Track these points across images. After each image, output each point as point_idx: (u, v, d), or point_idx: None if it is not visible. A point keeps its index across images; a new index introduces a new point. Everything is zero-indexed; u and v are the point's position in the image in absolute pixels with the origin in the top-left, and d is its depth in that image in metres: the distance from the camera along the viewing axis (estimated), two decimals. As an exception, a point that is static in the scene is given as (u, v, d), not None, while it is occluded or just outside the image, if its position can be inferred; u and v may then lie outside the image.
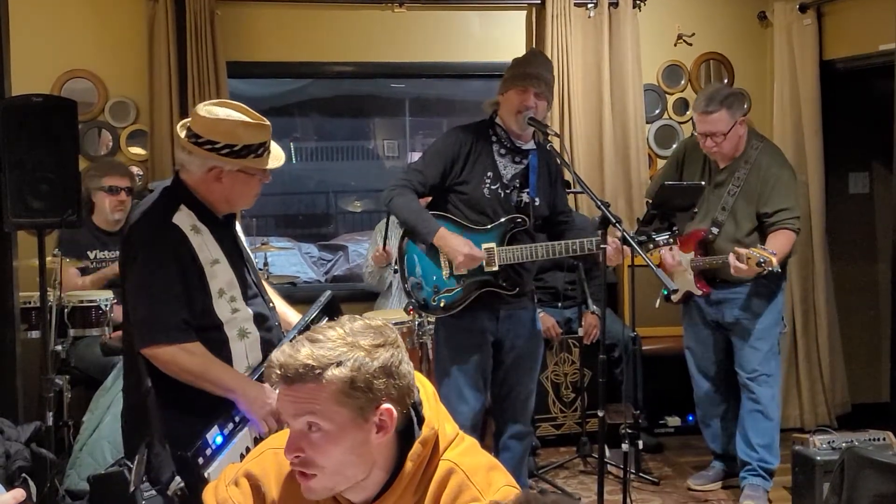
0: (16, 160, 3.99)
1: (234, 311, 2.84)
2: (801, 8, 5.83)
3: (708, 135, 4.39)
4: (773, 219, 4.39)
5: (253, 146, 2.81)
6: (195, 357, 2.73)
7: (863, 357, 6.10)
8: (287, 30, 5.71)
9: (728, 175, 4.49)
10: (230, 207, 2.95)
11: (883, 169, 5.93)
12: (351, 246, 9.10)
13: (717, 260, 4.40)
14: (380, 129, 10.78)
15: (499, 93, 4.05)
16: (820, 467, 4.11)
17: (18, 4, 4.50)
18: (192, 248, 2.78)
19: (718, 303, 4.58)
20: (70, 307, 4.80)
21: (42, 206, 4.05)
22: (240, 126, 2.79)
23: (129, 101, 5.56)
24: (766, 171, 4.43)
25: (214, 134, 2.78)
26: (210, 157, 2.79)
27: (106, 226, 5.21)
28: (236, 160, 2.80)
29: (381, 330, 1.80)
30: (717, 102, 4.36)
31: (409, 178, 3.99)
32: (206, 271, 2.79)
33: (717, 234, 4.49)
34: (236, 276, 2.88)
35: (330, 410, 1.72)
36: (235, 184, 2.85)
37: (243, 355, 2.84)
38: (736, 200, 4.45)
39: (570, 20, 5.76)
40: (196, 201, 2.86)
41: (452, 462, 1.80)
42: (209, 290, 2.80)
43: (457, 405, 3.94)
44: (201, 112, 2.81)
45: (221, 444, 2.58)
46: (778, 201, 4.39)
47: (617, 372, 5.14)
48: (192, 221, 2.82)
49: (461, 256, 3.89)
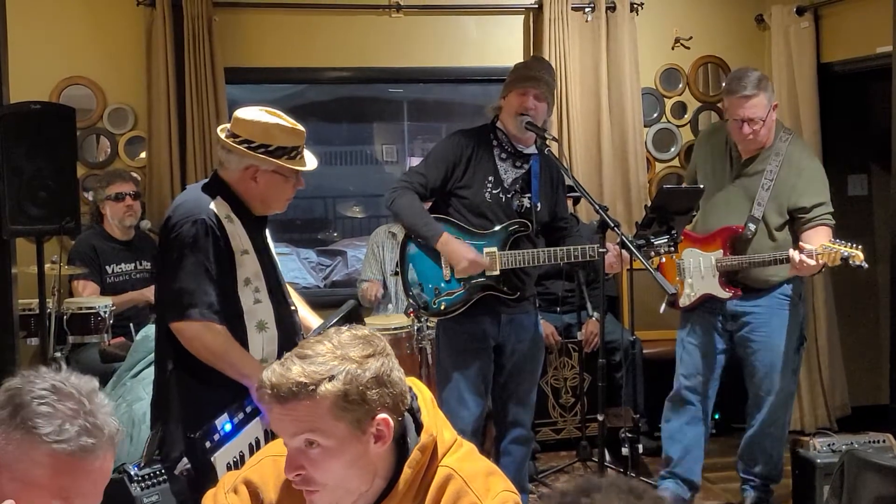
0: (14, 167, 4.00)
1: (257, 301, 2.98)
2: (799, 11, 5.83)
3: (746, 120, 4.08)
4: (812, 213, 4.15)
5: (287, 148, 2.97)
6: (219, 337, 2.87)
7: (862, 359, 6.09)
8: (285, 36, 5.71)
9: (757, 168, 4.21)
10: (265, 208, 3.09)
11: (881, 171, 5.92)
12: (350, 251, 9.10)
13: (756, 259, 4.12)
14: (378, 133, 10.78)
15: (500, 97, 4.05)
16: (820, 470, 4.11)
17: (17, 12, 4.50)
18: (225, 234, 2.93)
19: (736, 316, 4.30)
20: (69, 314, 4.80)
21: (40, 213, 4.06)
22: (275, 127, 2.96)
23: (128, 107, 5.56)
24: (800, 162, 4.21)
25: (251, 133, 2.95)
26: (247, 156, 2.95)
27: (120, 234, 5.22)
28: (271, 160, 2.95)
29: (370, 340, 1.80)
30: (755, 86, 4.07)
31: (411, 179, 3.99)
32: (236, 259, 2.94)
33: (755, 231, 4.19)
34: (262, 271, 3.01)
35: (327, 425, 1.72)
36: (270, 184, 3.00)
37: (260, 348, 2.95)
38: (770, 195, 4.17)
39: (568, 24, 5.77)
40: (233, 196, 3.01)
41: (451, 468, 1.80)
42: (237, 276, 2.94)
43: (458, 410, 3.94)
44: (241, 114, 2.98)
45: (230, 431, 2.64)
46: (815, 195, 4.17)
47: (617, 376, 5.14)
48: (227, 212, 2.97)
49: (465, 262, 3.89)
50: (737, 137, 4.19)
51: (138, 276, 5.27)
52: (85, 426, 1.53)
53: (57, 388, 1.55)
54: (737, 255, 4.20)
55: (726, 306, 4.30)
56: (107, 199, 5.14)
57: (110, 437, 1.58)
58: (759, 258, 4.13)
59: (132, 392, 4.31)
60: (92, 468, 1.55)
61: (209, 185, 3.05)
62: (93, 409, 1.56)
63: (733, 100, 4.11)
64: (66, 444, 1.51)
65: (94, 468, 1.55)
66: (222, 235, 2.92)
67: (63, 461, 1.51)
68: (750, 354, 4.31)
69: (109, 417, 1.59)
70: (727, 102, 4.18)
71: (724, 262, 4.21)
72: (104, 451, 1.56)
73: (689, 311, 4.41)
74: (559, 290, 5.46)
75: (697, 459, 4.46)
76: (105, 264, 5.15)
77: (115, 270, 5.19)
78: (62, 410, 1.53)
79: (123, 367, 4.51)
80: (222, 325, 2.89)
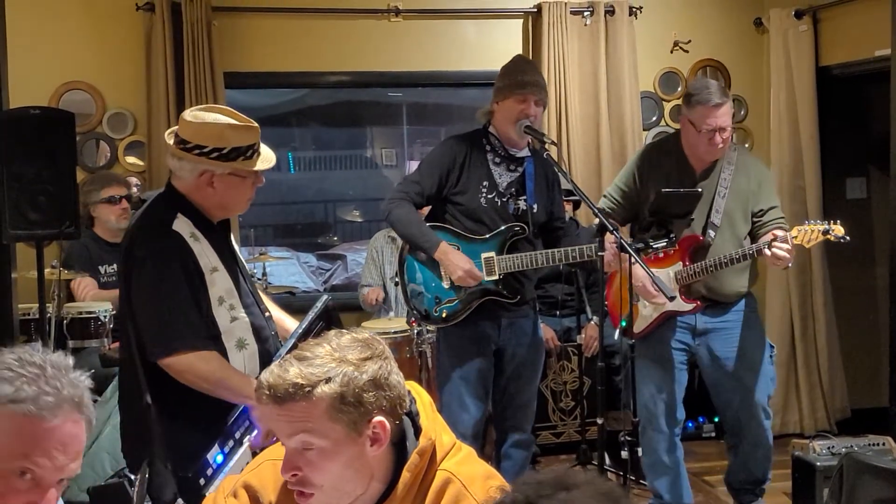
0: (14, 172, 4.00)
1: (233, 318, 2.82)
2: (797, 14, 5.84)
3: (718, 129, 4.01)
4: (767, 217, 4.16)
5: (242, 148, 2.78)
6: (212, 364, 2.72)
7: (862, 362, 6.10)
8: (284, 40, 5.72)
9: (713, 178, 4.16)
10: (225, 213, 2.93)
11: (880, 174, 5.93)
12: (350, 255, 9.11)
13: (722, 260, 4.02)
14: (377, 137, 10.79)
15: (493, 101, 4.05)
16: (820, 473, 4.11)
17: (16, 17, 4.51)
18: (193, 255, 2.76)
19: (704, 332, 4.22)
20: (69, 318, 4.81)
21: (40, 217, 4.06)
22: (227, 129, 2.77)
23: (127, 112, 5.57)
24: (754, 170, 4.24)
25: (202, 138, 2.76)
26: (200, 162, 2.77)
27: (111, 237, 5.23)
28: (226, 163, 2.77)
29: (369, 343, 1.80)
30: (722, 93, 4.05)
31: (407, 189, 3.99)
32: (206, 278, 2.78)
33: (714, 238, 4.14)
34: (234, 285, 2.86)
35: (323, 427, 1.72)
36: (228, 188, 2.82)
37: (241, 367, 2.81)
38: (727, 203, 4.14)
39: (567, 28, 5.78)
40: (192, 208, 2.83)
41: (449, 472, 1.81)
42: (209, 297, 2.78)
43: (458, 413, 3.95)
44: (188, 117, 2.79)
45: (222, 462, 2.57)
46: (768, 199, 4.22)
47: (617, 380, 5.14)
48: (191, 229, 2.79)
49: (461, 272, 3.90)
50: (704, 148, 4.09)
51: None
52: (45, 389, 1.54)
53: (22, 358, 1.58)
54: (696, 263, 4.11)
55: (690, 322, 4.22)
56: (101, 202, 5.15)
57: (73, 400, 1.57)
58: (727, 257, 4.02)
59: (132, 396, 4.31)
60: (52, 427, 1.54)
61: (166, 199, 2.86)
62: (55, 374, 1.57)
63: (706, 109, 4.01)
64: (23, 403, 1.52)
65: (55, 427, 1.54)
66: (190, 257, 2.75)
67: (22, 422, 1.52)
68: (724, 372, 4.23)
69: (78, 387, 1.59)
70: (697, 113, 4.04)
71: (686, 272, 4.13)
72: (66, 412, 1.56)
73: (645, 336, 4.27)
74: (559, 293, 5.47)
75: (684, 480, 4.39)
76: (98, 265, 5.17)
77: (108, 271, 5.20)
78: (22, 374, 1.55)
79: (123, 371, 4.50)
80: (212, 349, 2.73)
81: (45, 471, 1.55)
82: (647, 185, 4.21)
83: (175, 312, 2.70)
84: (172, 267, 2.72)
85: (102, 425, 4.35)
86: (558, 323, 5.46)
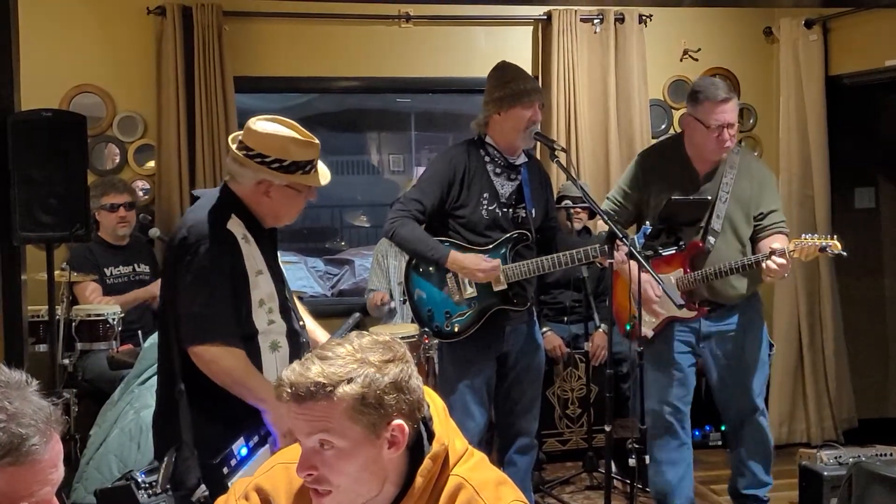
0: (25, 175, 4.02)
1: (271, 322, 2.91)
2: (807, 23, 5.84)
3: (726, 126, 4.00)
4: (767, 220, 4.14)
5: (301, 163, 2.88)
6: (239, 361, 2.80)
7: (869, 372, 6.08)
8: (294, 45, 5.73)
9: (715, 181, 4.14)
10: (276, 221, 3.03)
11: (889, 184, 5.94)
12: (357, 260, 9.10)
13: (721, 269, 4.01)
14: (385, 143, 10.80)
15: (494, 112, 3.98)
16: (827, 482, 4.10)
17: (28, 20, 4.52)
18: (241, 256, 2.86)
19: (708, 337, 4.23)
20: (78, 321, 4.83)
21: (51, 220, 4.08)
22: (290, 142, 2.87)
23: (137, 115, 5.59)
24: (756, 172, 4.20)
25: (265, 148, 2.85)
26: (260, 171, 2.86)
27: (114, 241, 5.26)
28: (285, 175, 2.86)
29: (390, 345, 1.80)
30: (729, 90, 4.05)
31: (409, 207, 3.97)
32: (250, 280, 2.87)
33: (715, 244, 4.11)
34: (276, 290, 2.96)
35: (342, 427, 1.72)
36: (283, 198, 2.92)
37: (273, 368, 2.88)
38: (728, 207, 4.12)
39: (577, 35, 5.79)
40: (246, 211, 2.93)
41: (462, 477, 1.80)
42: (251, 298, 2.87)
43: (463, 421, 3.93)
44: (254, 126, 2.87)
45: (246, 455, 2.62)
46: (769, 202, 4.19)
47: (625, 387, 5.14)
48: (243, 231, 2.89)
49: (481, 273, 3.90)
50: (712, 146, 4.06)
51: (136, 278, 5.31)
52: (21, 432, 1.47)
53: None
54: (696, 271, 4.11)
55: (695, 326, 4.21)
56: (101, 208, 5.17)
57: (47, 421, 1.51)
58: (727, 266, 4.02)
59: (140, 399, 4.32)
60: (43, 460, 1.51)
61: (222, 199, 2.95)
62: (21, 407, 1.49)
63: (714, 104, 3.99)
64: (8, 456, 1.46)
65: (46, 459, 1.51)
66: (239, 257, 2.85)
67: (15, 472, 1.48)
68: (727, 372, 4.25)
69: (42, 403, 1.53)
70: (706, 109, 4.01)
71: (687, 279, 4.12)
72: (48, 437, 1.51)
73: (651, 341, 4.24)
74: (567, 300, 5.46)
75: (689, 482, 4.37)
76: (103, 267, 5.19)
77: (114, 273, 5.23)
78: None
79: (132, 374, 4.52)
80: (241, 348, 2.82)
81: (45, 492, 1.54)
82: (650, 189, 4.22)
83: (215, 305, 2.79)
84: (221, 262, 2.82)
85: (110, 428, 4.36)
86: (566, 330, 5.45)
